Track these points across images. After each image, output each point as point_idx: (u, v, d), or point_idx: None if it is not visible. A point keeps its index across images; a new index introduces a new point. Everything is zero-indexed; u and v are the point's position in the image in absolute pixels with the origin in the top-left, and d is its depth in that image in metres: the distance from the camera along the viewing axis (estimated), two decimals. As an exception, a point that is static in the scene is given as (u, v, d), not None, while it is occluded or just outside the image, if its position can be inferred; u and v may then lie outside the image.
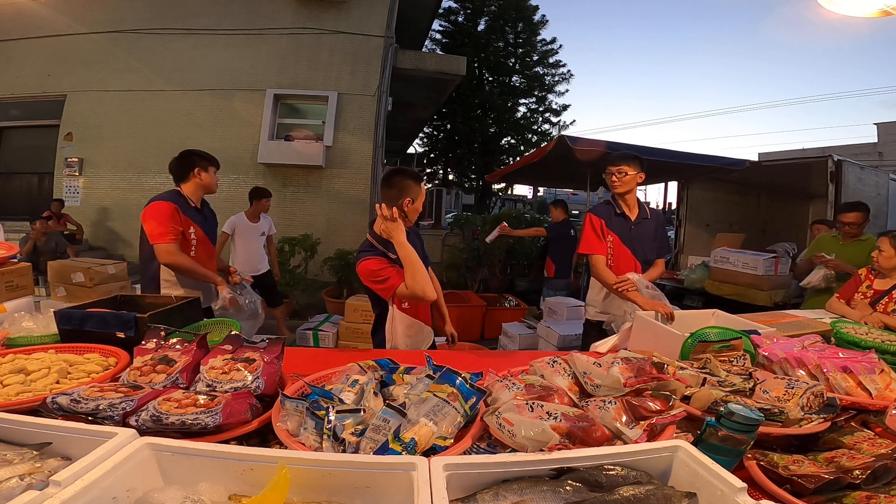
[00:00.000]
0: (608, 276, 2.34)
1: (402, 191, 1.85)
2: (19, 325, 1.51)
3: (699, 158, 5.49)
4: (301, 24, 7.63)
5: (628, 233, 2.42)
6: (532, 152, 7.44)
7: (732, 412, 0.86)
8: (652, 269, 2.44)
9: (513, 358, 2.20)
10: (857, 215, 3.13)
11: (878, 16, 1.92)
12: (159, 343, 1.24)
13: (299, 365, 1.36)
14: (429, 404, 0.91)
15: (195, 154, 2.52)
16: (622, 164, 2.37)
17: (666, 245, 2.62)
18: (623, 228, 2.43)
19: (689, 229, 6.77)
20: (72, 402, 0.91)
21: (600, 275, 2.38)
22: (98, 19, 7.49)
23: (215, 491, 0.73)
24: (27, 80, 7.57)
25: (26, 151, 8.03)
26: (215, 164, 2.59)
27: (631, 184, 2.39)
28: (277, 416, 0.95)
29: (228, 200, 7.48)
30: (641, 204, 2.50)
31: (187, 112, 7.47)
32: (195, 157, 2.50)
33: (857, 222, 3.12)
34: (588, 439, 0.86)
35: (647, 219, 2.47)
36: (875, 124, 15.43)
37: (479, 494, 0.74)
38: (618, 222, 2.43)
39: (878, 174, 5.58)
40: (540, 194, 21.44)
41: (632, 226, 2.43)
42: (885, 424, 1.04)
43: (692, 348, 1.42)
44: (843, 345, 1.58)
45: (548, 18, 14.92)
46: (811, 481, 0.82)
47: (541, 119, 15.30)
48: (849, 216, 3.15)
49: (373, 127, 7.58)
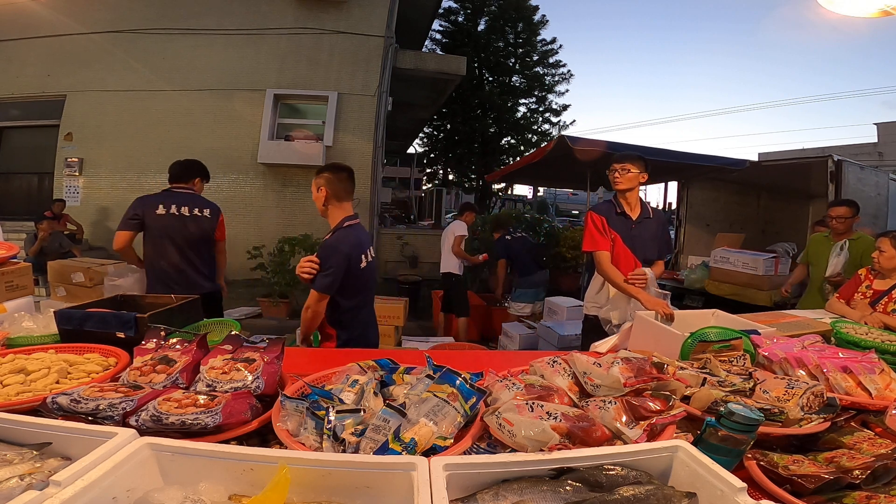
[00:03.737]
0: (612, 272, 2.34)
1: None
2: (19, 325, 1.51)
3: (699, 158, 5.50)
4: (301, 24, 7.63)
5: (629, 232, 2.42)
6: (532, 152, 7.44)
7: (732, 412, 0.86)
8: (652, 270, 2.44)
9: (513, 358, 2.20)
10: (845, 209, 3.17)
11: (878, 16, 1.92)
12: (159, 343, 1.24)
13: (299, 365, 1.36)
14: (429, 404, 0.91)
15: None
16: (626, 162, 2.39)
17: (667, 246, 2.62)
18: (624, 227, 2.43)
19: (689, 229, 6.77)
20: (72, 402, 0.91)
21: (605, 271, 2.38)
22: (98, 19, 7.49)
23: (215, 491, 0.73)
24: (27, 80, 7.57)
25: (26, 151, 8.04)
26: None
27: (633, 181, 2.39)
28: (277, 416, 0.95)
29: (229, 200, 7.50)
30: (644, 203, 2.50)
31: (187, 112, 7.48)
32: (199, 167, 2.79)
33: (846, 216, 3.15)
34: (588, 439, 0.86)
35: (648, 218, 2.47)
36: (875, 124, 15.45)
37: (479, 494, 0.74)
38: (619, 221, 2.44)
39: (878, 174, 5.58)
40: (540, 194, 21.44)
41: (633, 225, 2.43)
42: (885, 424, 1.04)
43: (692, 348, 1.42)
44: (843, 345, 1.58)
45: (548, 18, 14.96)
46: (811, 481, 0.82)
47: (541, 119, 15.33)
48: (837, 210, 3.20)
49: (373, 127, 7.59)
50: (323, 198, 2.03)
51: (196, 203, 2.65)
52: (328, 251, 1.95)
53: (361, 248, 2.04)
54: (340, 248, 1.94)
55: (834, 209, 3.23)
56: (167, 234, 2.54)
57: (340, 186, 2.05)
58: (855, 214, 3.16)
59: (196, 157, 2.87)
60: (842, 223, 3.16)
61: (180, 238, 2.56)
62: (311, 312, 1.96)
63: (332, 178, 2.03)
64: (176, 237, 2.55)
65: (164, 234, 2.53)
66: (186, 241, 2.58)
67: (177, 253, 2.57)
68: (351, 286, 2.00)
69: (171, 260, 2.56)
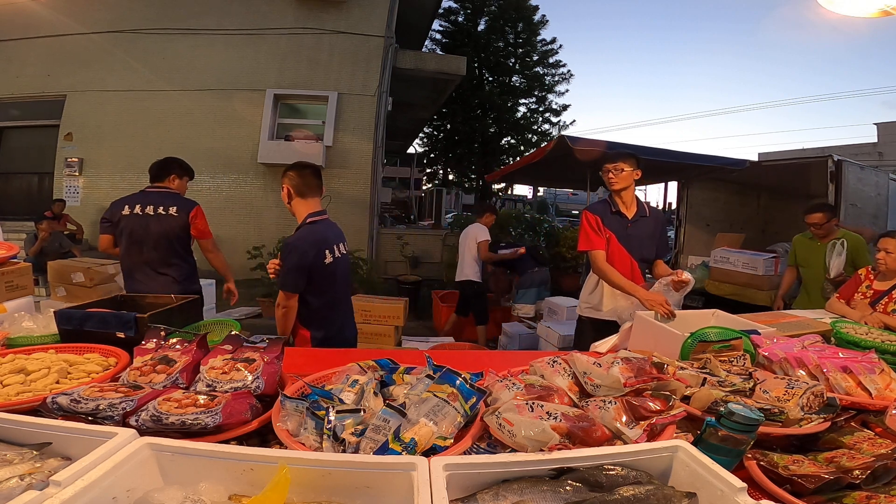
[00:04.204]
0: (608, 270, 2.32)
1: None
2: (19, 325, 1.51)
3: (699, 158, 5.49)
4: (301, 24, 7.63)
5: (624, 231, 2.40)
6: (532, 152, 7.44)
7: (732, 412, 0.86)
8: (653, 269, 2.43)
9: (513, 358, 2.20)
10: (819, 216, 3.15)
11: (878, 16, 1.92)
12: (159, 343, 1.24)
13: (299, 365, 1.36)
14: (429, 404, 0.91)
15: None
16: (618, 161, 2.36)
17: (665, 245, 2.58)
18: (619, 227, 2.41)
19: (689, 229, 6.76)
20: (72, 402, 0.91)
21: (601, 269, 2.35)
22: (98, 19, 7.50)
23: (215, 491, 0.73)
24: (27, 80, 7.57)
25: (26, 151, 8.04)
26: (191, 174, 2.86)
27: (628, 180, 2.37)
28: (277, 416, 0.95)
29: (228, 200, 7.51)
30: (640, 202, 2.47)
31: (187, 112, 7.48)
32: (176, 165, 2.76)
33: (820, 223, 3.13)
34: (588, 439, 0.86)
35: (644, 217, 2.44)
36: (875, 124, 15.45)
37: (479, 494, 0.74)
38: (614, 220, 2.42)
39: (878, 174, 5.57)
40: (540, 194, 21.45)
41: (628, 224, 2.41)
42: (885, 424, 1.04)
43: (692, 348, 1.42)
44: (843, 345, 1.58)
45: (548, 18, 14.97)
46: (811, 481, 0.82)
47: (541, 119, 15.33)
48: (812, 217, 3.18)
49: (373, 127, 7.58)
50: (286, 195, 2.08)
51: (164, 202, 2.56)
52: (287, 249, 1.98)
53: (326, 244, 2.03)
54: (298, 246, 1.96)
55: (809, 216, 3.19)
56: (130, 234, 2.51)
57: (302, 182, 2.06)
58: (830, 219, 3.14)
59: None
60: (819, 229, 3.15)
61: (144, 238, 2.52)
62: (281, 310, 1.98)
63: (293, 175, 2.06)
64: (138, 237, 2.51)
65: (127, 234, 2.52)
66: (150, 241, 2.52)
67: (140, 253, 2.53)
68: (318, 283, 2.00)
69: (135, 260, 2.54)
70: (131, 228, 2.51)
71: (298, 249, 1.96)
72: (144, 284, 2.49)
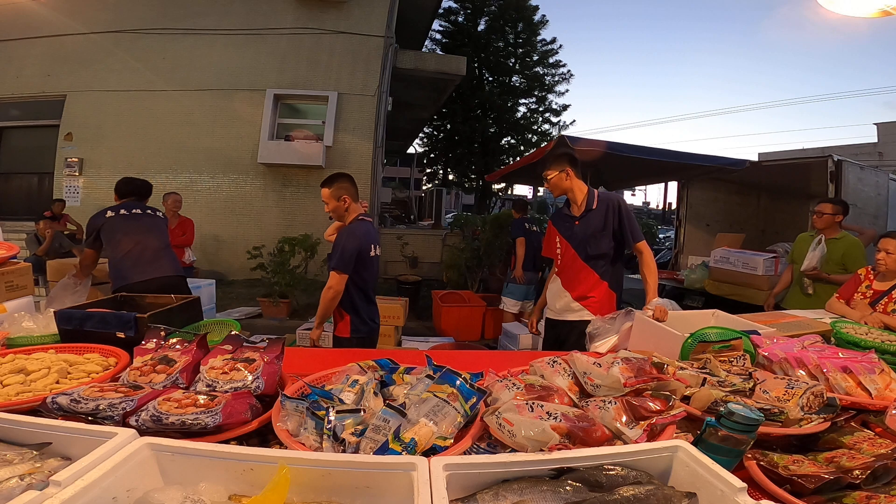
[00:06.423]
0: (552, 283, 2.46)
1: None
2: (19, 325, 1.51)
3: (699, 158, 5.50)
4: (301, 24, 7.64)
5: (571, 231, 2.34)
6: (532, 152, 7.44)
7: (732, 412, 0.86)
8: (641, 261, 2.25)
9: (513, 358, 2.19)
10: (828, 206, 3.17)
11: (878, 16, 1.92)
12: (159, 343, 1.24)
13: (299, 365, 1.36)
14: (429, 404, 0.91)
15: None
16: (545, 170, 2.34)
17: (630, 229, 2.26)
18: (565, 227, 2.36)
19: (689, 229, 6.76)
20: (72, 402, 0.91)
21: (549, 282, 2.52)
22: (98, 19, 7.50)
23: (215, 491, 0.73)
24: (27, 80, 7.57)
25: (26, 151, 8.04)
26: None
27: (559, 185, 2.30)
28: (277, 416, 0.95)
29: (228, 200, 7.50)
30: (590, 196, 2.32)
31: (187, 112, 7.47)
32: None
33: (825, 212, 3.14)
34: (588, 439, 0.86)
35: (591, 210, 2.29)
36: (875, 124, 15.43)
37: (479, 494, 0.74)
38: (562, 221, 2.39)
39: (878, 174, 5.57)
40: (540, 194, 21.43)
41: (576, 221, 2.33)
42: (885, 424, 1.04)
43: (692, 348, 1.42)
44: (843, 345, 1.58)
45: (548, 18, 14.97)
46: (811, 481, 0.82)
47: (541, 119, 15.32)
48: (823, 206, 3.19)
49: (373, 127, 7.59)
50: (346, 205, 2.32)
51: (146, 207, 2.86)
52: (345, 232, 2.27)
53: (373, 239, 2.34)
54: (356, 232, 2.25)
55: (820, 205, 3.23)
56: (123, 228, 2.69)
57: (355, 189, 2.36)
58: (838, 213, 3.14)
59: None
60: (820, 218, 3.15)
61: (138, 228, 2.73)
62: (332, 292, 2.21)
63: (347, 185, 2.33)
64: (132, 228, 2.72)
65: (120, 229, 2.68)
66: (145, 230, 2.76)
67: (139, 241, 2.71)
68: (362, 272, 2.27)
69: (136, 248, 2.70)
70: (122, 225, 2.63)
71: (356, 234, 2.23)
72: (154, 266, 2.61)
